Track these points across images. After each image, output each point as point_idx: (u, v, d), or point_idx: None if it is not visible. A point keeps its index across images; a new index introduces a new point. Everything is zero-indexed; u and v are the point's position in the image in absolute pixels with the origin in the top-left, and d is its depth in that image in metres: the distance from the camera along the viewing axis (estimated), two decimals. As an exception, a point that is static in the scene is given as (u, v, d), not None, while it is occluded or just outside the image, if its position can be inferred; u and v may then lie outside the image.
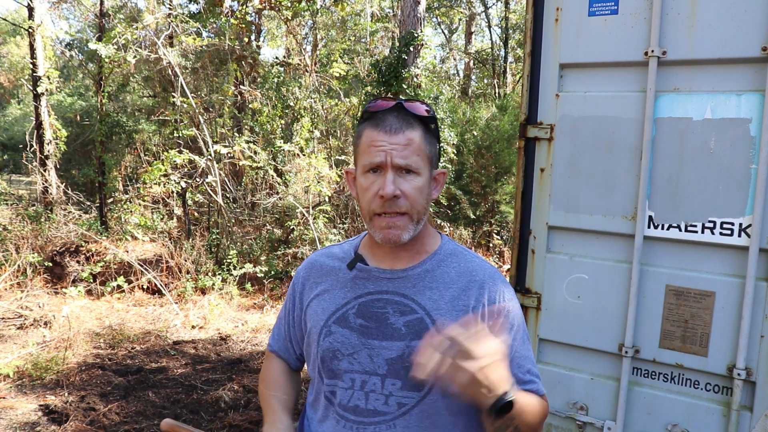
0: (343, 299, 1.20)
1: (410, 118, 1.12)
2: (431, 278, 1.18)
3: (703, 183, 1.87)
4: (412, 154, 1.10)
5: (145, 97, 12.61)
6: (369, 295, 1.18)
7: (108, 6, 9.88)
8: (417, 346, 1.07)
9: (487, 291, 1.17)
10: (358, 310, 1.17)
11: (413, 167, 1.10)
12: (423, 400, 1.12)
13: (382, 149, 1.09)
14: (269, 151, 8.33)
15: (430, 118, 1.16)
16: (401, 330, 1.14)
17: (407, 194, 1.10)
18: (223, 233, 7.58)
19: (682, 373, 1.95)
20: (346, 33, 12.49)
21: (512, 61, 16.55)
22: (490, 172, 9.35)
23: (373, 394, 1.14)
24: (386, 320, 1.15)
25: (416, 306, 1.15)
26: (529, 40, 2.14)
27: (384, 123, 1.11)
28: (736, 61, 1.81)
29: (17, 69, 20.63)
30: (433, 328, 1.09)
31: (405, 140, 1.10)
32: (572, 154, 2.08)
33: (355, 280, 1.21)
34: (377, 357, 1.14)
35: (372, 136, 1.12)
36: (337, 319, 1.19)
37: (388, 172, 1.09)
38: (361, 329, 1.16)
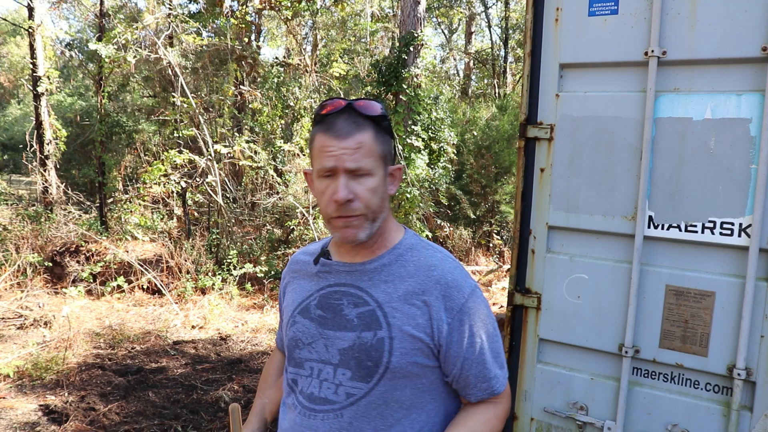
0: (308, 291, 1.26)
1: (360, 120, 1.13)
2: (387, 272, 1.20)
3: (703, 183, 1.87)
4: (363, 157, 1.11)
5: (145, 97, 12.61)
6: (329, 288, 1.23)
7: (108, 6, 9.88)
8: (366, 338, 1.15)
9: (445, 290, 1.17)
10: (319, 302, 1.22)
11: (365, 169, 1.12)
12: (371, 391, 1.14)
13: (333, 154, 1.11)
14: (269, 151, 8.33)
15: (382, 116, 1.16)
16: (353, 321, 1.17)
17: (360, 196, 1.12)
18: (223, 233, 7.58)
19: (682, 373, 1.95)
20: (346, 33, 12.49)
21: (512, 61, 16.55)
22: (490, 172, 9.35)
23: (325, 382, 1.18)
24: (341, 311, 1.19)
25: (369, 298, 1.18)
26: (529, 40, 2.14)
27: (334, 127, 1.12)
28: (736, 61, 1.81)
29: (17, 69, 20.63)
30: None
31: (355, 144, 1.11)
32: (572, 154, 2.08)
33: (319, 274, 1.26)
34: (331, 347, 1.18)
35: (323, 141, 1.13)
36: (301, 310, 1.24)
37: (341, 177, 1.11)
38: (319, 320, 1.21)
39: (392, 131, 1.23)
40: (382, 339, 1.14)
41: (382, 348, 1.14)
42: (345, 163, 1.10)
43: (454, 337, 1.16)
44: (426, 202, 8.10)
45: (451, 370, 1.19)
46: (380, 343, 1.14)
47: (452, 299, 1.17)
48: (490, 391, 1.20)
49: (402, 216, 7.67)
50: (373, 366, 1.14)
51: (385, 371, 1.14)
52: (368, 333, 1.15)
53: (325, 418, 1.16)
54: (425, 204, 8.07)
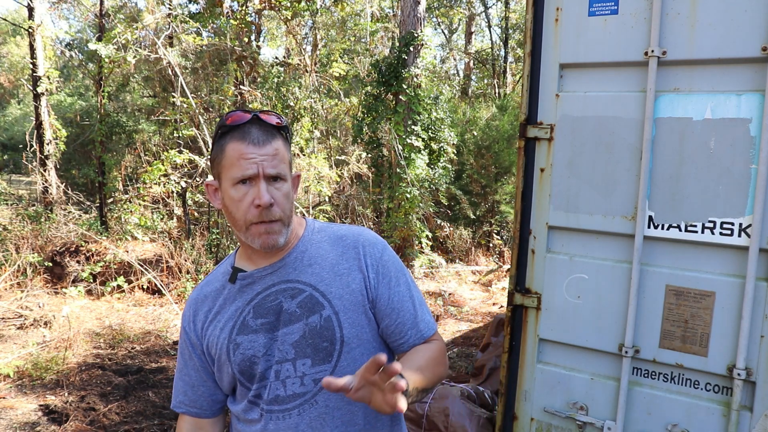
0: (236, 310, 1.23)
1: (270, 129, 1.17)
2: (308, 257, 1.24)
3: (703, 183, 1.87)
4: (280, 163, 1.16)
5: (145, 97, 12.61)
6: (258, 296, 1.22)
7: (108, 6, 9.88)
8: (314, 322, 1.18)
9: (362, 249, 1.25)
10: (254, 312, 1.21)
11: (282, 175, 1.16)
12: (335, 369, 1.18)
13: (254, 161, 1.13)
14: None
15: (284, 127, 1.21)
16: (296, 312, 1.19)
17: (278, 201, 1.16)
18: (223, 233, 7.58)
19: (682, 373, 1.95)
20: (346, 33, 12.49)
21: (512, 61, 16.55)
22: (490, 172, 9.35)
23: (288, 380, 1.19)
24: (281, 309, 1.20)
25: (302, 285, 1.21)
26: (529, 40, 2.14)
27: (250, 135, 1.14)
28: (736, 61, 1.81)
29: (17, 69, 20.63)
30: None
31: (273, 151, 1.15)
32: (572, 154, 2.08)
33: (242, 290, 1.24)
34: (283, 344, 1.19)
35: (240, 149, 1.14)
36: (239, 329, 1.21)
37: (261, 182, 1.14)
38: (263, 327, 1.20)
39: (290, 141, 1.28)
40: (329, 317, 1.19)
41: (332, 326, 1.18)
42: (266, 169, 1.13)
43: (382, 288, 1.23)
44: (426, 202, 8.10)
45: (382, 319, 1.24)
46: (328, 321, 1.18)
47: (371, 255, 1.24)
48: (421, 335, 1.25)
49: (402, 216, 7.67)
50: (330, 345, 1.18)
51: (342, 346, 1.19)
52: (314, 317, 1.19)
53: (301, 411, 1.18)
54: (425, 204, 8.07)
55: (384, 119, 7.84)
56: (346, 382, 0.96)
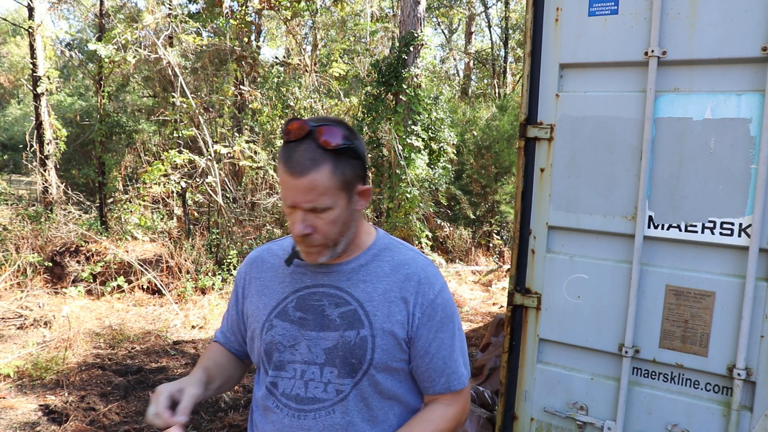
0: (282, 294, 1.25)
1: (318, 154, 1.08)
2: (365, 272, 1.23)
3: (703, 183, 1.87)
4: (318, 197, 1.09)
5: (145, 97, 12.61)
6: (306, 289, 1.23)
7: (108, 6, 9.88)
8: (349, 337, 1.19)
9: (417, 285, 1.22)
10: (297, 304, 1.23)
11: (321, 207, 1.10)
12: (357, 385, 1.19)
13: (291, 192, 1.10)
14: (269, 151, 8.34)
15: (343, 148, 1.09)
16: (336, 321, 1.20)
17: (319, 230, 1.13)
18: (223, 233, 7.58)
19: (682, 373, 1.95)
20: (346, 33, 12.49)
21: (512, 61, 16.55)
22: (490, 172, 9.35)
23: (312, 382, 1.20)
24: (323, 312, 1.21)
25: (350, 298, 1.21)
26: (529, 40, 2.14)
27: (290, 162, 1.08)
28: (736, 61, 1.81)
29: (17, 69, 20.64)
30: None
31: (308, 184, 1.08)
32: (572, 154, 2.08)
33: (293, 275, 1.26)
34: (315, 347, 1.20)
35: (282, 172, 1.11)
36: (278, 313, 1.24)
37: (298, 213, 1.12)
38: (299, 321, 1.21)
39: (360, 151, 1.15)
40: (365, 337, 1.18)
41: (365, 346, 1.18)
42: (300, 203, 1.10)
43: (423, 330, 1.21)
44: (426, 202, 8.10)
45: (413, 360, 1.23)
46: (363, 341, 1.18)
47: (423, 294, 1.22)
48: (448, 386, 1.24)
49: (402, 216, 7.68)
50: (357, 363, 1.19)
51: (368, 367, 1.19)
52: (351, 332, 1.19)
53: (317, 416, 1.19)
54: (425, 204, 8.07)
55: (384, 119, 7.84)
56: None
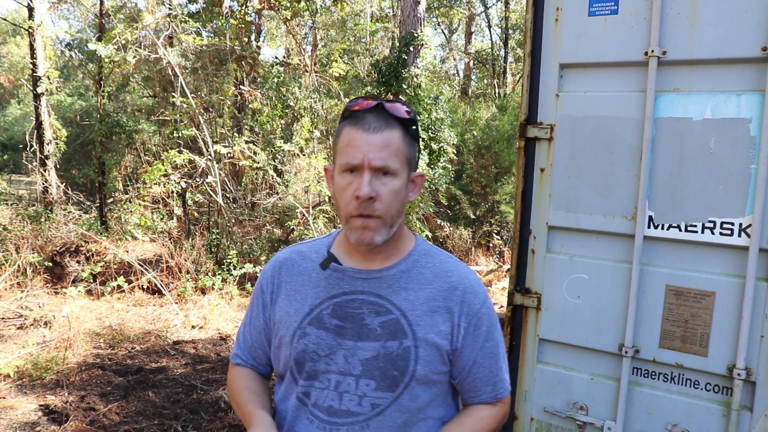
0: (317, 299, 1.17)
1: (390, 119, 1.10)
2: (407, 279, 1.17)
3: (703, 183, 1.87)
4: (390, 156, 1.08)
5: (145, 97, 12.61)
6: (344, 296, 1.16)
7: (108, 6, 9.89)
8: (391, 348, 1.11)
9: (461, 295, 1.18)
10: (333, 311, 1.15)
11: (390, 168, 1.08)
12: (396, 400, 1.12)
13: (360, 149, 1.07)
14: (269, 151, 8.34)
15: (410, 120, 1.12)
16: (376, 330, 1.13)
17: (382, 197, 1.08)
18: (223, 233, 7.58)
19: (682, 373, 1.95)
20: (345, 33, 12.49)
21: (512, 61, 16.55)
22: (490, 172, 9.35)
23: (347, 394, 1.13)
24: (362, 321, 1.13)
25: (391, 306, 1.14)
26: (529, 40, 2.14)
27: (363, 122, 1.08)
28: (736, 61, 1.81)
29: (17, 69, 20.64)
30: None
31: (383, 140, 1.07)
32: (572, 154, 2.08)
33: (329, 280, 1.18)
34: (352, 358, 1.13)
35: (351, 134, 1.08)
36: (312, 320, 1.16)
37: (365, 173, 1.06)
38: (336, 330, 1.14)
39: (419, 137, 1.19)
40: (408, 348, 1.12)
41: (408, 357, 1.12)
42: (372, 160, 1.06)
43: (468, 340, 1.17)
44: (426, 202, 8.10)
45: (460, 372, 1.19)
46: (406, 352, 1.12)
47: (468, 304, 1.17)
48: (495, 394, 1.22)
49: (402, 216, 7.66)
50: (399, 375, 1.12)
51: (410, 380, 1.12)
52: (394, 342, 1.12)
53: (350, 430, 1.12)
54: (425, 204, 8.07)
55: (384, 119, 7.82)
56: None
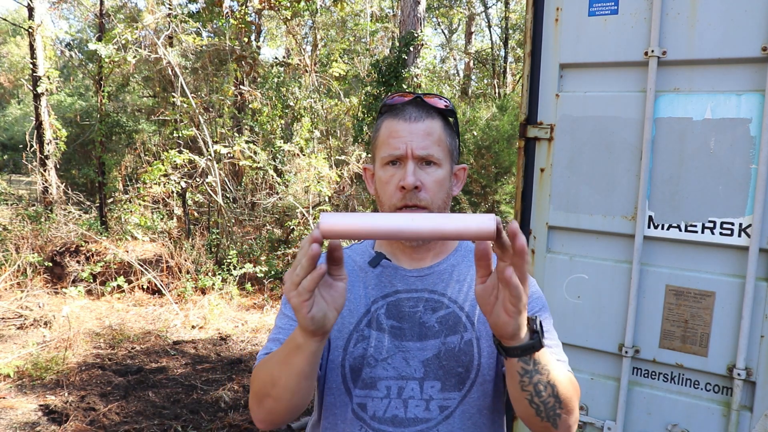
0: (369, 298, 1.10)
1: (430, 109, 1.08)
2: (458, 272, 1.12)
3: (703, 183, 1.87)
4: (433, 144, 1.05)
5: (145, 97, 12.61)
6: (397, 294, 1.09)
7: (108, 6, 9.89)
8: (453, 343, 1.05)
9: None
10: (388, 311, 1.08)
11: (434, 158, 1.05)
12: (464, 399, 1.06)
13: (402, 139, 1.04)
14: (269, 151, 8.34)
15: (449, 111, 1.10)
16: (434, 327, 1.06)
17: (428, 187, 1.05)
18: (223, 233, 7.58)
19: (682, 373, 1.95)
20: (345, 33, 12.49)
21: (512, 61, 16.55)
22: (490, 172, 9.35)
23: (412, 400, 1.05)
24: (419, 319, 1.07)
25: (447, 300, 1.09)
26: (529, 40, 2.14)
27: (404, 112, 1.07)
28: (736, 61, 1.81)
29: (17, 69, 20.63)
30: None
31: (425, 128, 1.05)
32: (572, 154, 2.08)
33: (381, 278, 1.11)
34: (413, 360, 1.05)
35: (391, 126, 1.07)
36: (369, 321, 1.07)
37: (409, 163, 1.04)
38: (392, 331, 1.07)
39: (458, 130, 1.16)
40: (470, 341, 1.06)
41: (471, 351, 1.06)
42: (414, 149, 1.03)
43: None
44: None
45: None
46: (468, 345, 1.06)
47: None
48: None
49: (402, 216, 7.65)
50: (465, 372, 1.05)
51: (477, 375, 1.06)
52: (454, 337, 1.06)
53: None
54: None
55: (384, 119, 7.83)
56: None
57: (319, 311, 0.81)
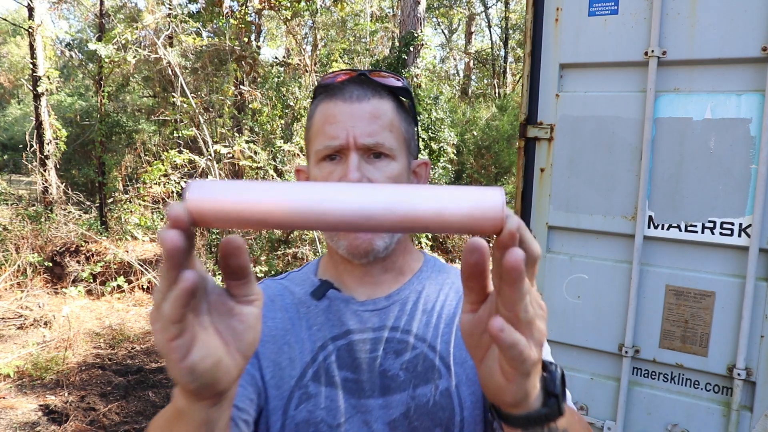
0: (316, 343, 0.83)
1: (378, 87, 0.83)
2: (425, 301, 0.86)
3: (703, 183, 1.87)
4: (383, 130, 0.80)
5: (145, 97, 12.61)
6: (349, 335, 0.82)
7: (108, 6, 9.89)
8: (424, 395, 0.79)
9: None
10: (339, 359, 0.81)
11: (385, 148, 0.79)
12: None
13: (342, 125, 0.79)
14: (269, 151, 8.34)
15: (403, 89, 0.86)
16: (399, 376, 0.80)
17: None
18: (223, 233, 7.58)
19: (682, 373, 1.96)
20: (346, 33, 12.50)
21: (512, 61, 16.56)
22: (490, 172, 9.36)
23: None
24: (378, 367, 0.81)
25: (413, 339, 0.82)
26: (529, 40, 2.14)
27: (343, 91, 0.81)
28: (736, 61, 1.81)
29: (17, 69, 20.64)
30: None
31: (371, 110, 0.80)
32: (572, 154, 2.08)
33: (328, 315, 0.84)
34: (376, 422, 0.79)
35: (327, 109, 0.81)
36: (315, 373, 0.81)
37: (351, 155, 0.78)
38: (347, 386, 0.80)
39: (416, 116, 0.91)
40: (447, 391, 0.80)
41: (450, 403, 0.79)
42: (358, 137, 0.78)
43: None
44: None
45: None
46: (446, 397, 0.79)
47: None
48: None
49: (402, 216, 7.67)
50: (444, 431, 0.79)
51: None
52: (426, 387, 0.79)
53: None
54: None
55: (384, 119, 7.84)
56: None
57: (204, 358, 0.45)
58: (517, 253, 0.42)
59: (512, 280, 0.43)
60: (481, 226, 0.43)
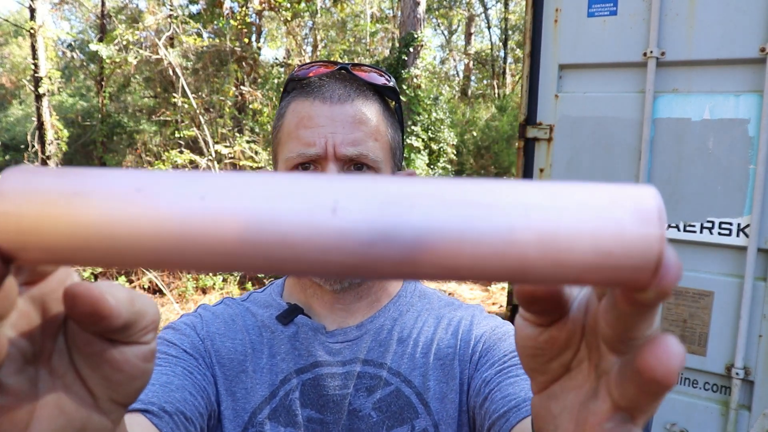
0: (277, 376, 0.72)
1: (362, 85, 0.72)
2: (401, 328, 0.76)
3: (701, 183, 1.88)
4: (367, 138, 0.68)
5: (146, 98, 12.64)
6: (316, 368, 0.72)
7: (109, 7, 9.91)
8: None
9: (472, 318, 0.77)
10: (304, 395, 0.71)
11: (369, 159, 0.68)
12: None
13: (319, 130, 0.67)
14: (269, 151, 8.36)
15: (389, 89, 0.74)
16: (371, 417, 0.71)
17: None
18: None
19: (681, 372, 1.96)
20: (346, 34, 12.52)
21: (511, 61, 16.58)
22: (490, 172, 9.37)
23: None
24: (347, 405, 0.71)
25: (386, 374, 0.73)
26: (529, 40, 2.15)
27: (322, 89, 0.69)
28: (735, 62, 1.82)
29: (19, 70, 20.68)
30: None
31: (355, 114, 0.68)
32: (571, 154, 2.09)
33: (293, 344, 0.74)
34: None
35: (302, 110, 0.69)
36: (274, 410, 0.70)
37: (329, 166, 0.67)
38: (310, 427, 0.70)
39: (403, 120, 0.80)
40: (424, 431, 0.71)
41: None
42: (339, 145, 0.66)
43: (487, 368, 0.73)
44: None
45: (486, 404, 0.71)
46: None
47: (477, 325, 0.77)
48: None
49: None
50: None
51: None
52: (401, 429, 0.71)
53: None
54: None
55: (384, 120, 7.86)
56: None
57: (51, 420, 0.28)
58: (675, 354, 0.25)
59: (654, 395, 0.25)
60: (618, 278, 0.22)
